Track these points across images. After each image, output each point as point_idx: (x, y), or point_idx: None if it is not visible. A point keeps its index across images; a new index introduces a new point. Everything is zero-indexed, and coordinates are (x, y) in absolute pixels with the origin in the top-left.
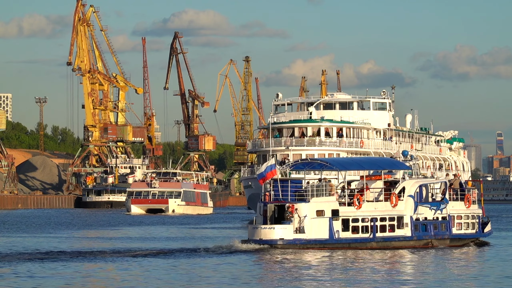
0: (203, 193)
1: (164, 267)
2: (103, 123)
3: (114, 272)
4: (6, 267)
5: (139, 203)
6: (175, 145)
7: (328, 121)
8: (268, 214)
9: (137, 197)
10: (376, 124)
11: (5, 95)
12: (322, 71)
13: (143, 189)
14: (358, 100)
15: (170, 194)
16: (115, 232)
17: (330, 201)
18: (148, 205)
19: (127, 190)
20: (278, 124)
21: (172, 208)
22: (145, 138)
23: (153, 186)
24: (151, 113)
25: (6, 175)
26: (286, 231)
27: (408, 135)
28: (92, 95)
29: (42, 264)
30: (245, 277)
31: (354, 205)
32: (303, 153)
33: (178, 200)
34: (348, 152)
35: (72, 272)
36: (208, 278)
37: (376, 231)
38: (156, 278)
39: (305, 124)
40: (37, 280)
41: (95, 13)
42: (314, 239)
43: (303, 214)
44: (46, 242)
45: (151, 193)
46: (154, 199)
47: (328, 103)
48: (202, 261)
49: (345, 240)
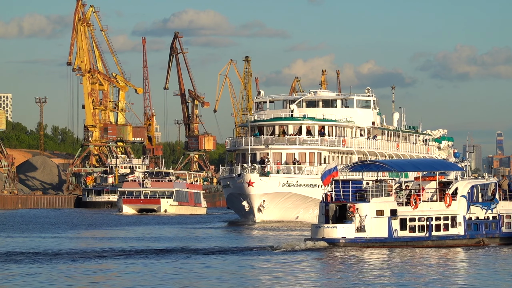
0: (196, 193)
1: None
2: (103, 123)
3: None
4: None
5: (130, 203)
6: (175, 145)
7: (310, 119)
8: (330, 214)
9: (129, 197)
10: (360, 123)
11: (5, 95)
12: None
13: (135, 189)
14: (341, 98)
15: (162, 194)
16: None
17: (389, 201)
18: (140, 205)
19: (119, 190)
20: (259, 122)
21: (164, 208)
22: (145, 138)
23: (145, 186)
24: (151, 113)
25: (6, 175)
26: (348, 230)
27: (394, 133)
28: (92, 95)
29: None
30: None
31: (411, 205)
32: (283, 152)
33: (170, 200)
34: (330, 151)
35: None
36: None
37: (431, 230)
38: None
39: (286, 122)
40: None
41: (95, 13)
42: (374, 237)
43: (364, 214)
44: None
45: (143, 193)
46: (146, 199)
47: (311, 100)
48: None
49: (403, 238)
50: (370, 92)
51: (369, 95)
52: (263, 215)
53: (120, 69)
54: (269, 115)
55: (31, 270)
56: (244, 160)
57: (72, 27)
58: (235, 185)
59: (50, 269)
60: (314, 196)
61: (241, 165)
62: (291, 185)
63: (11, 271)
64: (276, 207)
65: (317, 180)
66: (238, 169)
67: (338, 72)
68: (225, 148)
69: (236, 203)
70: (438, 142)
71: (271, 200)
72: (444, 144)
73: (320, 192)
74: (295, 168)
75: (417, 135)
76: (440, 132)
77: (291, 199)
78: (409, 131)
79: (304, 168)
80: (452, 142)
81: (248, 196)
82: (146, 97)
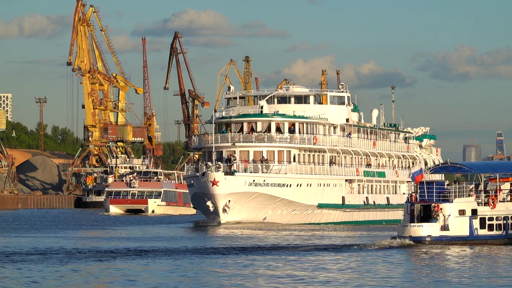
0: (186, 193)
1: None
2: (103, 123)
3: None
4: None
5: (117, 203)
6: (175, 145)
7: (280, 115)
8: (415, 213)
9: (116, 197)
10: (333, 119)
11: (5, 95)
12: (322, 71)
13: (122, 189)
14: (315, 94)
15: (150, 194)
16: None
17: (470, 201)
18: (127, 205)
19: (106, 190)
20: (226, 119)
21: (152, 208)
22: (145, 138)
23: (132, 185)
24: (151, 113)
25: (6, 175)
26: (433, 229)
27: (371, 131)
28: (92, 95)
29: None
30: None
31: (490, 205)
32: (251, 150)
33: (158, 200)
34: (300, 149)
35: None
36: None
37: (508, 229)
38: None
39: (254, 118)
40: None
41: (95, 13)
42: (457, 236)
43: (447, 213)
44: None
45: (130, 193)
46: (133, 199)
47: (283, 96)
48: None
49: (482, 237)
50: (344, 88)
51: (343, 91)
52: (228, 215)
53: (120, 69)
54: (237, 112)
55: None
56: (210, 159)
57: (72, 27)
58: (199, 184)
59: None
60: (282, 196)
61: (205, 164)
62: (258, 184)
63: None
64: (242, 208)
65: (285, 179)
66: (203, 168)
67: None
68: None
69: (201, 203)
70: (419, 140)
71: (237, 200)
72: (426, 143)
73: (289, 192)
74: (263, 166)
75: (398, 133)
76: (422, 130)
77: (258, 199)
78: (389, 128)
79: (272, 166)
80: (434, 140)
81: (212, 196)
82: (146, 97)
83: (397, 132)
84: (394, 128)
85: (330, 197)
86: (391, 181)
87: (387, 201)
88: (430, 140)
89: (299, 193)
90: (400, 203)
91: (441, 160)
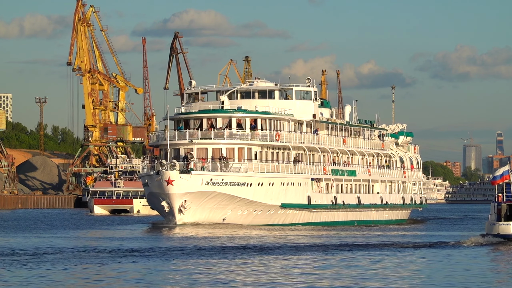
0: None
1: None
2: (103, 123)
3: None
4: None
5: (102, 203)
6: None
7: (241, 111)
8: (502, 213)
9: (101, 197)
10: (299, 115)
11: (5, 95)
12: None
13: (107, 189)
14: (280, 89)
15: (135, 194)
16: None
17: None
18: (112, 205)
19: (90, 190)
20: (184, 114)
21: (137, 208)
22: (145, 138)
23: (117, 185)
24: (151, 113)
25: (6, 175)
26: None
27: (341, 128)
28: (92, 95)
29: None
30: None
31: None
32: (209, 147)
33: (143, 200)
34: (262, 146)
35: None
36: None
37: None
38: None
39: (214, 114)
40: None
41: (95, 13)
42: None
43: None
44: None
45: (115, 193)
46: (118, 199)
47: (246, 91)
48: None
49: None
50: (310, 82)
51: (309, 86)
52: (184, 216)
53: (120, 69)
54: (197, 108)
55: None
56: (167, 157)
57: (72, 27)
58: (154, 183)
59: None
60: (242, 195)
61: (160, 162)
62: (216, 183)
63: None
64: (199, 208)
65: (245, 178)
66: (158, 166)
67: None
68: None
69: (157, 203)
70: (395, 137)
71: (193, 200)
72: (402, 140)
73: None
74: (222, 165)
75: (372, 130)
76: (398, 126)
77: (216, 199)
78: (362, 125)
79: (232, 165)
80: (411, 137)
81: (167, 196)
82: (146, 97)
83: (371, 129)
84: (368, 125)
85: (295, 197)
86: (363, 180)
87: (358, 201)
88: (407, 138)
89: (260, 193)
90: (372, 203)
91: (419, 159)
